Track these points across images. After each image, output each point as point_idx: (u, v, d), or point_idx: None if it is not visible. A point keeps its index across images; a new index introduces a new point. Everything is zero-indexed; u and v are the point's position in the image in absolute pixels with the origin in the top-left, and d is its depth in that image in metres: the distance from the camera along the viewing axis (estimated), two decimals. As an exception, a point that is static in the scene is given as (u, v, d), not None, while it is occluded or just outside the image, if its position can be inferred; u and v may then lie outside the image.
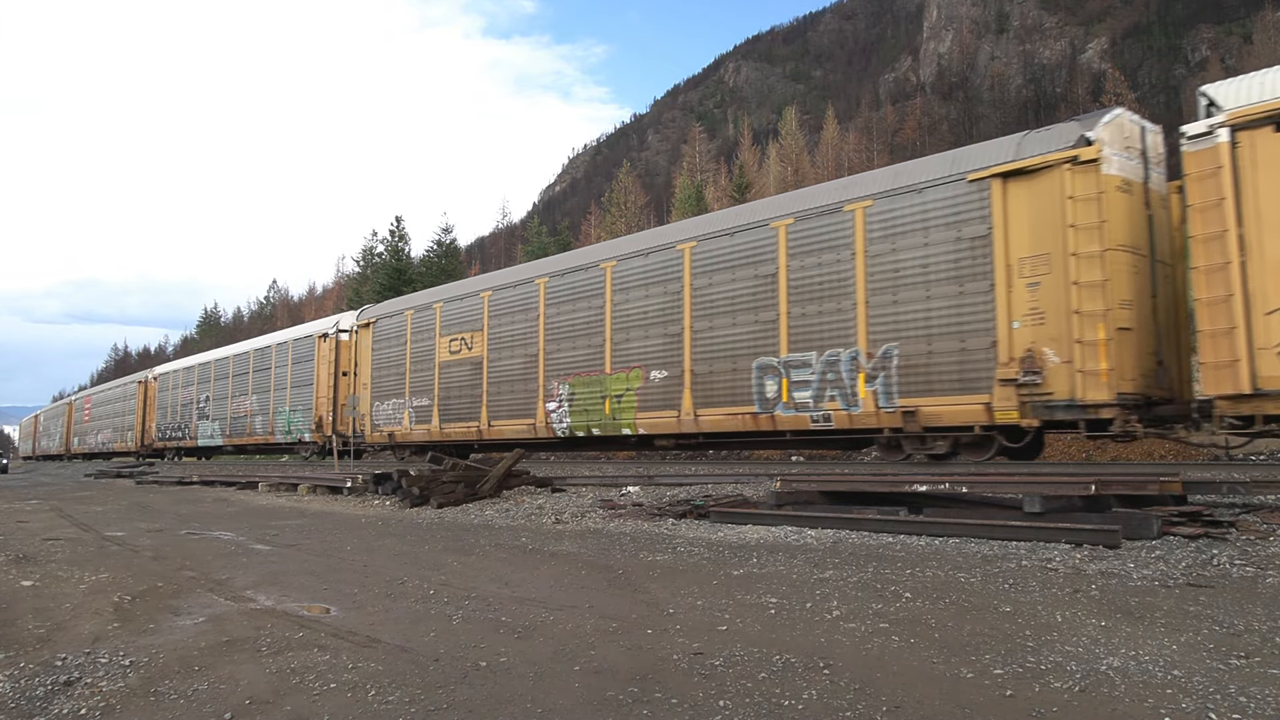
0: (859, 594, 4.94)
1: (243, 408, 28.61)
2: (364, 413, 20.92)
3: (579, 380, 15.35)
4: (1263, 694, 3.07)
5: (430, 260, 52.28)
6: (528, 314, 16.69)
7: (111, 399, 44.61)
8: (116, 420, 42.54)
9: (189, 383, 33.43)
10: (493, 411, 17.28)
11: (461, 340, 18.25)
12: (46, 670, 4.06)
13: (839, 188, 12.44)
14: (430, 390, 19.05)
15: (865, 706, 3.13)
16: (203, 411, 31.77)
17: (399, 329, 20.44)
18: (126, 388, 42.11)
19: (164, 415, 35.36)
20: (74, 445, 52.13)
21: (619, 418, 14.51)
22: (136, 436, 38.39)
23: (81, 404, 52.80)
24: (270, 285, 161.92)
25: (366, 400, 20.97)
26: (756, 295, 12.67)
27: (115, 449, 41.63)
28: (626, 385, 14.42)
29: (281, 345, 27.06)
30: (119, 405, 42.35)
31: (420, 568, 6.72)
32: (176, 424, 34.03)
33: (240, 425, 28.69)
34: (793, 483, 8.79)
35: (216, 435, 30.46)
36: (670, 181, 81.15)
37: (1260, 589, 4.66)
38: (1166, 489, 6.68)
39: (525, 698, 3.41)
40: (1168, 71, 74.70)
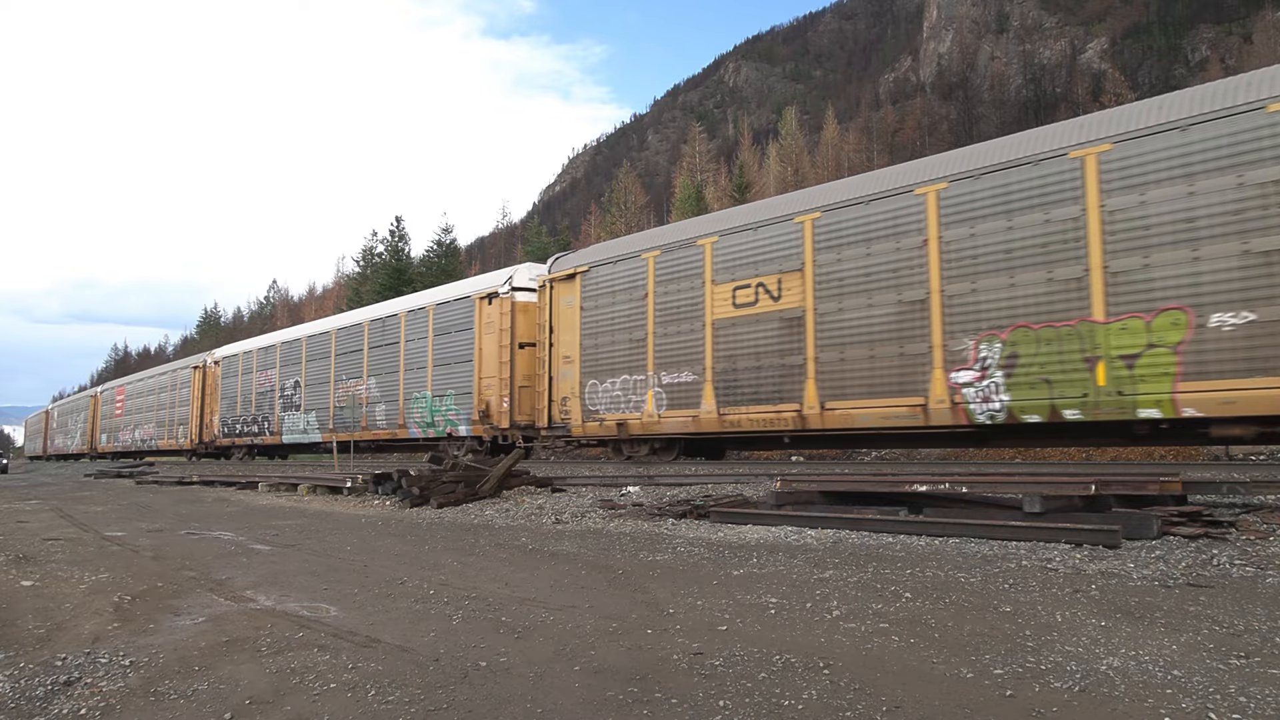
0: (859, 594, 4.94)
1: (354, 394, 23.11)
2: (567, 395, 16.11)
3: (1027, 335, 10.33)
4: (1263, 694, 3.07)
5: (430, 260, 52.32)
6: (902, 240, 11.54)
7: (154, 389, 38.80)
8: (162, 414, 37.14)
9: (268, 365, 27.78)
10: (830, 387, 12.17)
11: (758, 287, 13.26)
12: (46, 670, 4.06)
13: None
14: (696, 360, 13.99)
15: (865, 706, 3.13)
16: (290, 400, 26.30)
17: (630, 278, 15.20)
18: (177, 374, 36.41)
19: (230, 406, 29.95)
20: (101, 443, 46.62)
21: (1132, 390, 9.46)
22: (191, 431, 33.40)
23: (111, 396, 46.56)
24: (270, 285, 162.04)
25: (572, 379, 16.05)
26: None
27: (161, 446, 36.93)
28: (1148, 338, 9.40)
29: (417, 313, 21.16)
30: (166, 396, 36.90)
31: (420, 568, 6.72)
32: (250, 416, 28.61)
33: (350, 417, 23.17)
34: (793, 483, 8.79)
35: (312, 429, 25.03)
36: (670, 181, 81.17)
37: (1260, 589, 4.66)
38: (1166, 489, 6.68)
39: (525, 698, 3.41)
40: (1168, 71, 74.70)
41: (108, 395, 47.50)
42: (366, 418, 22.43)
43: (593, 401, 15.66)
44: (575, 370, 16.01)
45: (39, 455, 67.72)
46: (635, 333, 15.08)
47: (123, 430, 42.64)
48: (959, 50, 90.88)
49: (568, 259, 17.32)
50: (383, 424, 21.91)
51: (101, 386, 49.73)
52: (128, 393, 43.13)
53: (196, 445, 33.00)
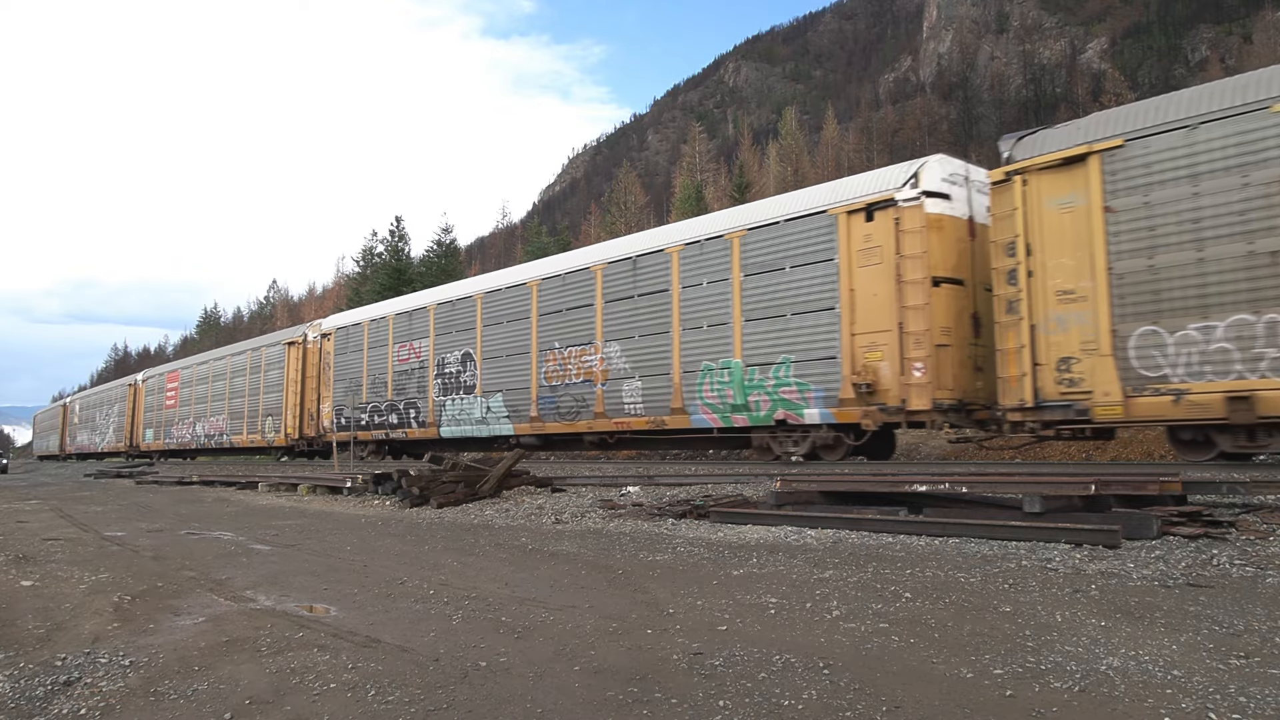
0: (859, 594, 4.94)
1: (582, 368, 16.40)
2: (1074, 353, 10.12)
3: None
4: (1262, 694, 3.07)
5: (430, 260, 52.31)
6: None
7: (224, 372, 31.40)
8: (238, 403, 29.76)
9: (414, 334, 21.07)
10: None
11: None
12: (46, 670, 4.06)
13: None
14: None
15: (865, 706, 3.13)
16: (455, 380, 19.58)
17: (1226, 151, 9.13)
18: (262, 352, 28.54)
19: (345, 391, 23.08)
20: (145, 440, 38.60)
21: None
22: (286, 424, 26.03)
23: (159, 383, 38.29)
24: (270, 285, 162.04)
25: (1091, 325, 10.01)
26: None
27: (238, 443, 29.68)
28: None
29: (707, 245, 14.56)
30: (243, 381, 29.56)
31: (420, 568, 6.72)
32: (384, 403, 21.69)
33: (578, 398, 16.40)
34: (793, 483, 8.79)
35: (501, 417, 18.21)
36: (670, 181, 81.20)
37: (1260, 589, 4.66)
38: (1166, 489, 6.68)
39: (525, 698, 3.41)
40: (1168, 71, 74.67)
41: (154, 383, 38.92)
42: (604, 399, 15.84)
43: (1151, 360, 9.54)
44: (1097, 311, 9.89)
45: (53, 454, 58.84)
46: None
47: (178, 424, 34.87)
48: (959, 50, 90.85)
49: (1060, 133, 10.72)
50: (637, 409, 15.29)
51: (144, 373, 41.22)
52: (184, 379, 35.05)
53: (294, 441, 25.87)
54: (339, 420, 23.44)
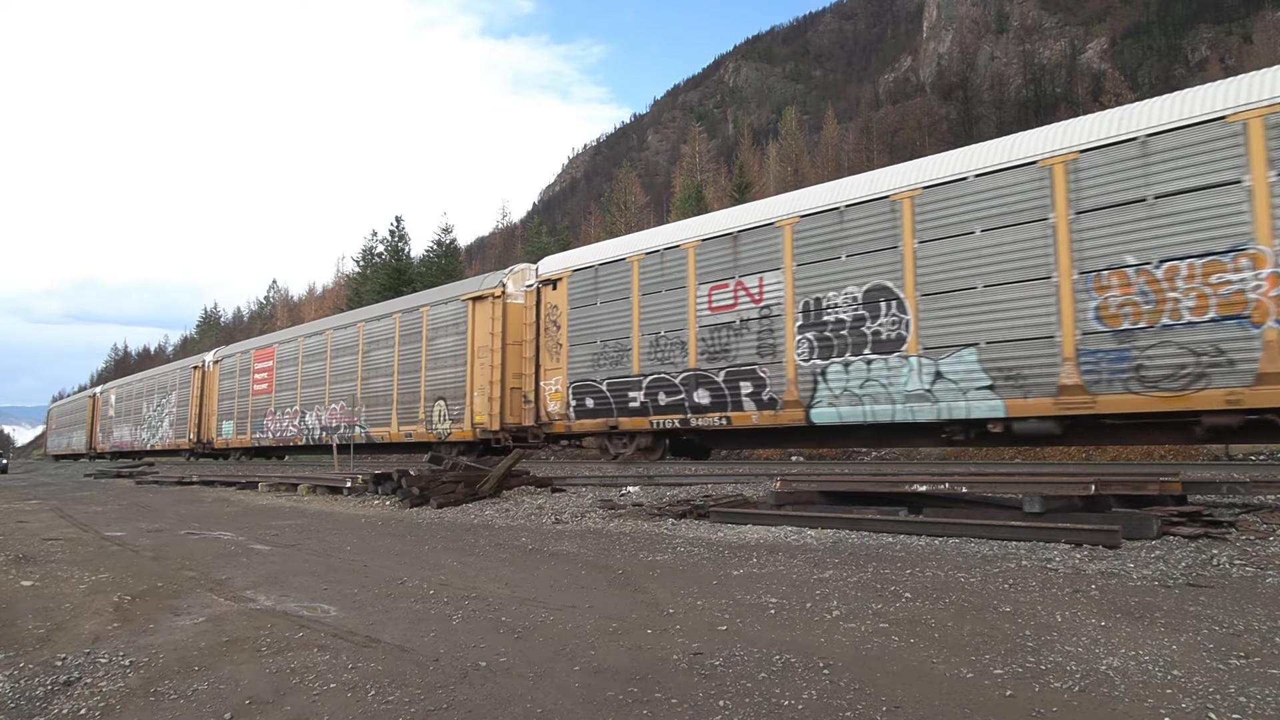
0: (859, 594, 4.94)
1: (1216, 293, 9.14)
2: None
3: None
4: (1262, 694, 3.07)
5: (430, 260, 52.32)
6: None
7: (344, 346, 23.60)
8: (376, 383, 21.96)
9: (745, 265, 13.87)
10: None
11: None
12: (46, 670, 4.06)
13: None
14: None
15: (865, 706, 3.13)
16: (852, 331, 12.46)
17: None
18: (416, 316, 20.94)
19: (593, 359, 16.02)
20: (219, 433, 30.62)
21: None
22: (478, 409, 18.46)
23: (241, 365, 29.94)
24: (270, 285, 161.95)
25: None
26: None
27: (380, 437, 21.70)
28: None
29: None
30: (378, 356, 22.05)
31: (420, 568, 6.72)
32: (675, 373, 14.61)
33: (1203, 349, 9.15)
34: (793, 483, 8.79)
35: (969, 388, 11.11)
36: (670, 181, 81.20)
37: (1260, 589, 4.66)
38: (1166, 489, 6.68)
39: (525, 698, 3.41)
40: (1168, 71, 74.67)
41: (231, 364, 30.87)
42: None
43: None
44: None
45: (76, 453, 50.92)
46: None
47: (275, 414, 26.96)
48: (959, 50, 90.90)
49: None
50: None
51: (214, 353, 33.69)
52: (282, 356, 27.09)
53: (490, 433, 18.17)
54: (579, 402, 16.21)
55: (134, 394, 41.52)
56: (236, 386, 30.10)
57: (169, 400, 36.05)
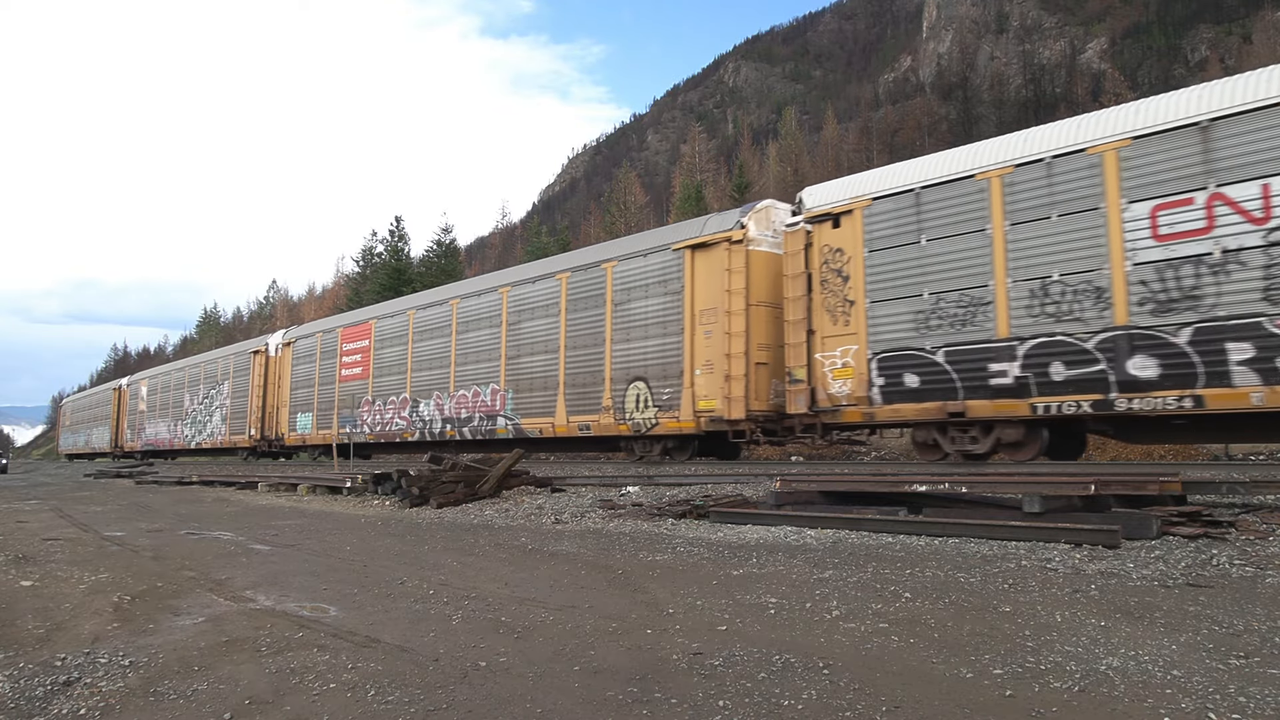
0: (858, 594, 4.94)
1: None
2: None
3: None
4: (1262, 694, 3.07)
5: (430, 260, 52.32)
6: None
7: (474, 317, 19.16)
8: (534, 364, 17.28)
9: (1163, 181, 9.61)
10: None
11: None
12: (46, 670, 4.06)
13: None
14: None
15: (865, 706, 3.13)
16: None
17: None
18: (592, 273, 16.49)
19: (909, 320, 11.72)
20: (292, 429, 25.80)
21: None
22: (696, 391, 13.99)
23: (326, 347, 24.69)
24: (270, 285, 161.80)
25: None
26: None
27: (536, 430, 16.97)
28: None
29: None
30: (532, 329, 17.51)
31: (420, 568, 6.72)
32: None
33: None
34: (792, 483, 8.79)
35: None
36: (670, 181, 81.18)
37: (1260, 589, 4.66)
38: (1166, 489, 6.68)
39: (525, 698, 3.41)
40: (1167, 71, 74.70)
41: (307, 346, 25.73)
42: None
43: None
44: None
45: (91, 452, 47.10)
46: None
47: (377, 405, 21.89)
48: (959, 50, 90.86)
49: None
50: None
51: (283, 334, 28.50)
52: (383, 332, 22.36)
53: (737, 422, 13.57)
54: (890, 379, 11.88)
55: (172, 384, 36.43)
56: (316, 372, 25.13)
57: (220, 391, 31.07)
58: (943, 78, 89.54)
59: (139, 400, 40.23)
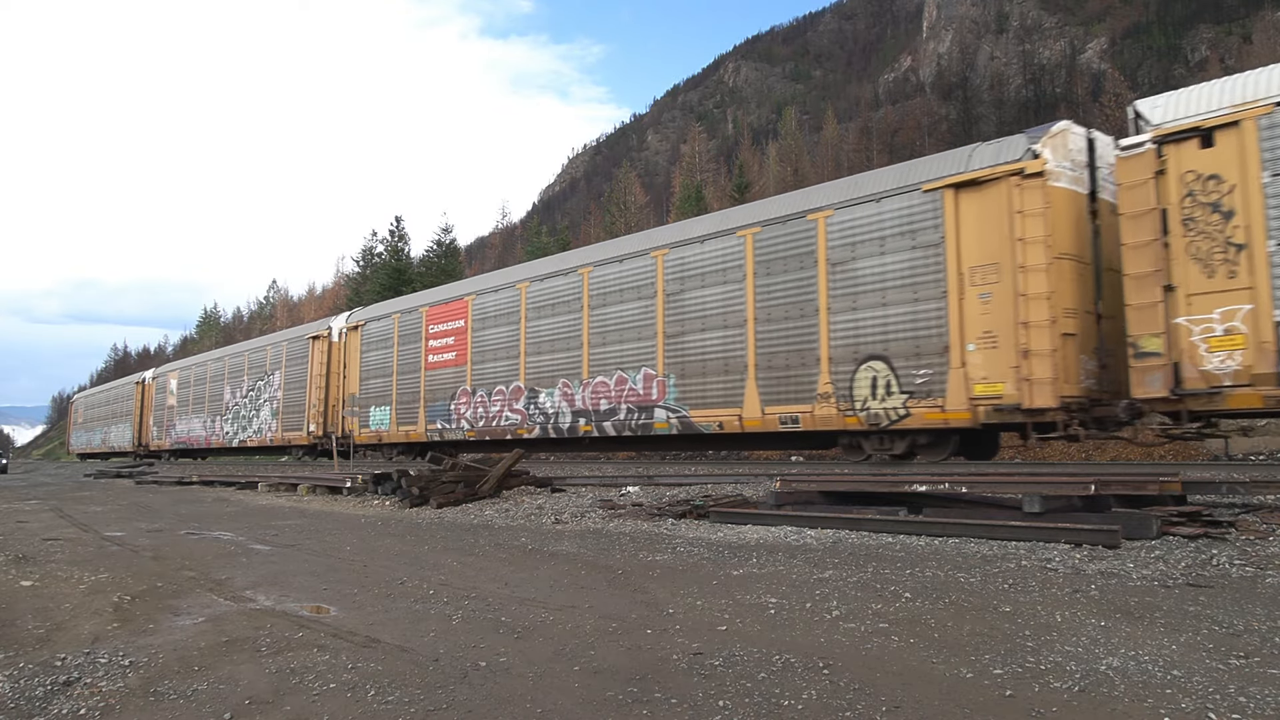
0: (858, 594, 4.94)
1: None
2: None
3: None
4: (1262, 694, 3.07)
5: (430, 260, 52.31)
6: None
7: (614, 286, 15.90)
8: (703, 343, 13.99)
9: None
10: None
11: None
12: (46, 670, 4.06)
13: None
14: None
15: (865, 706, 3.13)
16: None
17: None
18: (793, 227, 13.10)
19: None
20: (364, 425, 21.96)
21: None
22: (969, 370, 10.82)
23: (406, 329, 21.28)
24: (270, 285, 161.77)
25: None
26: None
27: (711, 423, 13.61)
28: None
29: None
30: (700, 299, 14.22)
31: (420, 568, 6.72)
32: None
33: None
34: (792, 483, 8.79)
35: None
36: (670, 181, 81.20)
37: (1260, 589, 4.66)
38: (1166, 489, 6.68)
39: (525, 698, 3.41)
40: (1167, 71, 74.67)
41: (380, 329, 22.27)
42: None
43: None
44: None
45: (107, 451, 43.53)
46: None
47: (474, 398, 18.66)
48: (958, 50, 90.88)
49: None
50: None
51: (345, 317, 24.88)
52: (480, 312, 19.06)
53: (1041, 411, 10.29)
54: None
55: (209, 376, 32.25)
56: (394, 359, 21.46)
57: (269, 382, 27.11)
58: (943, 78, 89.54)
59: (168, 395, 36.02)
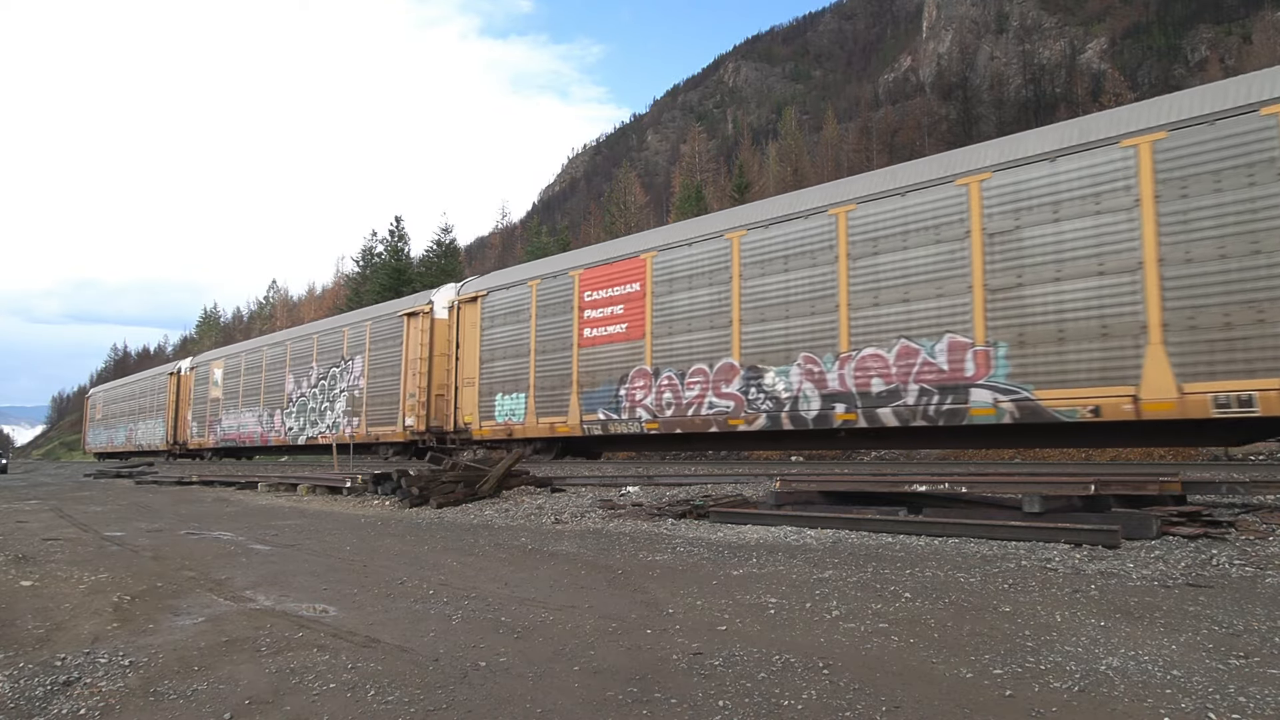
0: (858, 594, 4.94)
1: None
2: None
3: None
4: (1262, 694, 3.07)
5: (430, 260, 52.33)
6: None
7: (902, 223, 11.73)
8: (1079, 297, 9.88)
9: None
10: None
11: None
12: (46, 670, 4.06)
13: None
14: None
15: (865, 706, 3.13)
16: None
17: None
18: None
19: None
20: (496, 415, 17.77)
21: None
22: None
23: (549, 299, 17.06)
24: (270, 285, 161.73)
25: None
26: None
27: (1080, 406, 9.82)
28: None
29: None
30: (1078, 235, 9.92)
31: (420, 568, 6.72)
32: None
33: None
34: (792, 483, 8.78)
35: None
36: (670, 181, 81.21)
37: (1260, 589, 4.66)
38: (1166, 489, 6.68)
39: (525, 698, 3.41)
40: (1167, 71, 74.70)
41: (510, 300, 18.26)
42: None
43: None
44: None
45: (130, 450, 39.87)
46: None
47: (652, 382, 14.84)
48: (958, 50, 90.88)
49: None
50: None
51: (455, 288, 21.05)
52: (662, 271, 15.09)
53: None
54: None
55: (264, 364, 28.27)
56: (532, 335, 17.30)
57: (348, 369, 23.40)
58: (942, 78, 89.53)
59: (210, 386, 31.90)
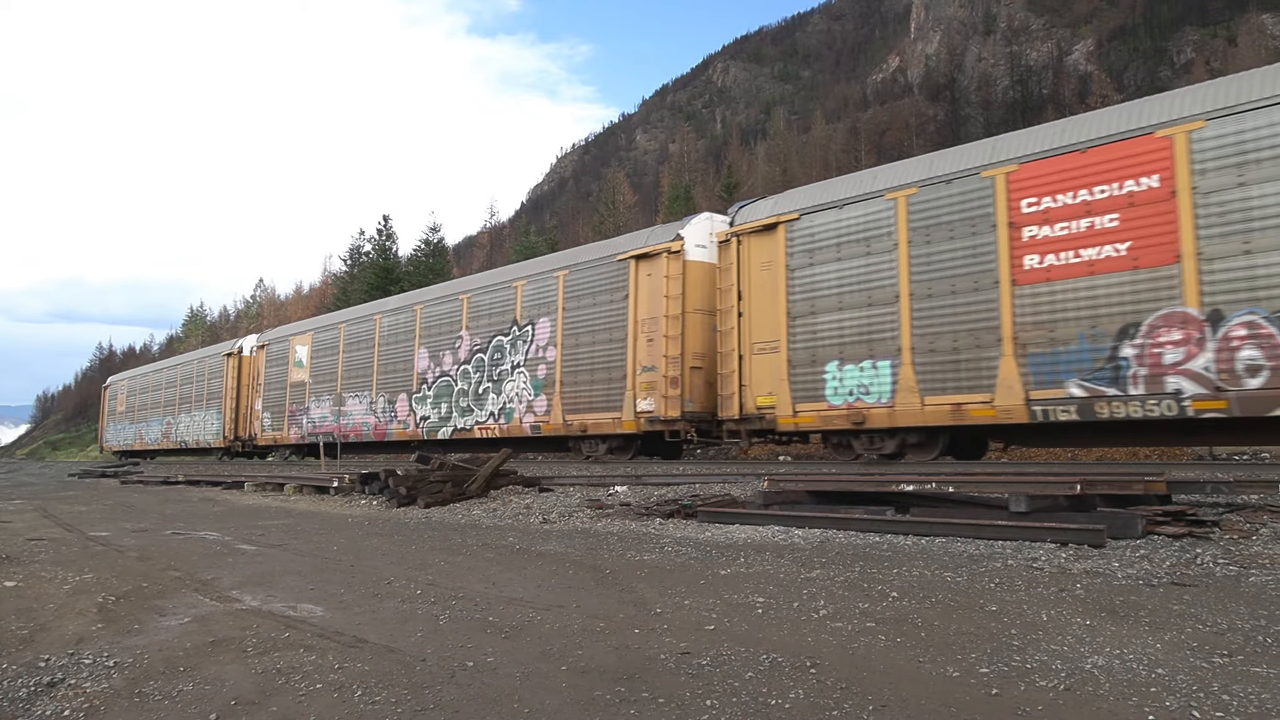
0: (846, 593, 4.95)
1: None
2: None
3: None
4: (1245, 692, 3.09)
5: (418, 259, 52.20)
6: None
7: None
8: None
9: None
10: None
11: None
12: (29, 671, 4.02)
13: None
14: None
15: (852, 705, 3.14)
16: None
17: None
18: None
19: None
20: (825, 395, 12.28)
21: None
22: None
23: (948, 213, 11.11)
24: (256, 284, 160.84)
25: None
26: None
27: None
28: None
29: None
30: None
31: (407, 567, 6.70)
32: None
33: None
34: (780, 482, 8.80)
35: None
36: (659, 181, 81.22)
37: (1243, 587, 4.70)
38: (1151, 489, 6.73)
39: (512, 697, 3.40)
40: (1153, 73, 75.16)
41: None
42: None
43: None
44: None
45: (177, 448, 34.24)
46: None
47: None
48: (946, 51, 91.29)
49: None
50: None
51: (701, 221, 15.39)
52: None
53: None
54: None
55: (377, 337, 22.48)
56: (903, 273, 11.74)
57: (525, 337, 17.73)
58: (930, 78, 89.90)
59: (292, 368, 26.21)
